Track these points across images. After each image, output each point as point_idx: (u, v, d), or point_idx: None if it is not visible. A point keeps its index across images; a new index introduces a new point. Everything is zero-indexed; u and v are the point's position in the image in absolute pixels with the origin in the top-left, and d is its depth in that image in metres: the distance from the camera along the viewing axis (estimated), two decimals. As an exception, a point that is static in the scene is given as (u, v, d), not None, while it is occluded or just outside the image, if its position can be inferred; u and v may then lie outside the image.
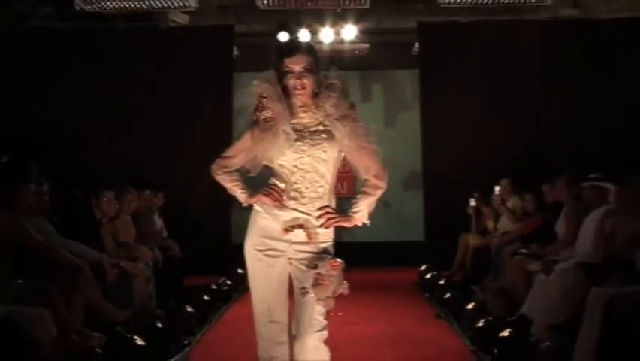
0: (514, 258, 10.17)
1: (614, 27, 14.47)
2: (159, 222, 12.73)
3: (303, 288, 4.95)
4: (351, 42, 16.01)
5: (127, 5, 13.76)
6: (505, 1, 13.63)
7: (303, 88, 4.92)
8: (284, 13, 14.53)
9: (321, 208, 4.95)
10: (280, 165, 5.03)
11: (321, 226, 4.98)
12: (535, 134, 13.93)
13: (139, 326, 8.43)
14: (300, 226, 4.96)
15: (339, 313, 10.66)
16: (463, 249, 12.95)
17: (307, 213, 4.96)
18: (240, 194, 5.15)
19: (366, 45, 16.35)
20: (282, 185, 5.02)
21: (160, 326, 8.73)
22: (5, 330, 6.16)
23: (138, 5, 13.82)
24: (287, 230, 4.94)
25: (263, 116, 4.97)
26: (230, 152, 5.22)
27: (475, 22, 14.79)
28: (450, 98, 14.50)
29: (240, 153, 5.16)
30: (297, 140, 4.93)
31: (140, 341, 7.72)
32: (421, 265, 12.93)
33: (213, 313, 10.74)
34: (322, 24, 15.29)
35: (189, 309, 9.86)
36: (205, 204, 14.60)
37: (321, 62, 5.11)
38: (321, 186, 5.00)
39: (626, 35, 14.23)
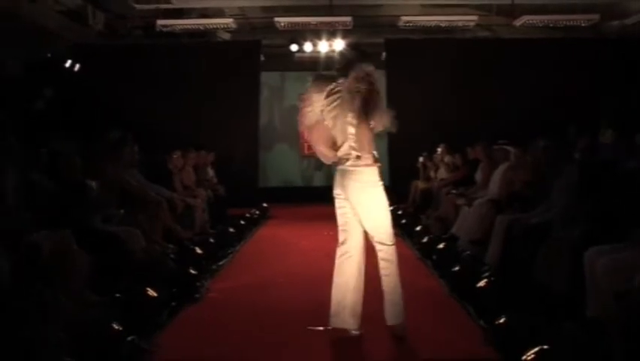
0: (447, 196, 10.27)
1: (514, 44, 14.60)
2: (211, 172, 12.83)
3: None
4: (340, 52, 16.01)
5: (189, 27, 13.84)
6: (443, 26, 13.65)
7: None
8: (294, 31, 14.56)
9: None
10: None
11: None
12: (462, 113, 13.92)
13: (198, 241, 8.59)
14: None
15: (331, 233, 10.85)
16: (414, 190, 13.00)
17: None
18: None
19: (350, 53, 16.34)
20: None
21: (212, 241, 8.81)
22: (112, 243, 6.30)
23: (196, 27, 13.89)
24: None
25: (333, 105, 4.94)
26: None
27: (424, 39, 14.77)
28: (407, 90, 14.49)
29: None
30: None
31: (199, 250, 7.86)
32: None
33: (247, 233, 10.79)
34: (320, 39, 15.29)
35: (231, 230, 9.96)
36: (241, 160, 14.77)
37: (319, 64, 5.20)
38: None
39: (521, 50, 14.38)
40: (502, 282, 5.95)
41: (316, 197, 15.43)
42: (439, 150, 12.45)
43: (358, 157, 4.98)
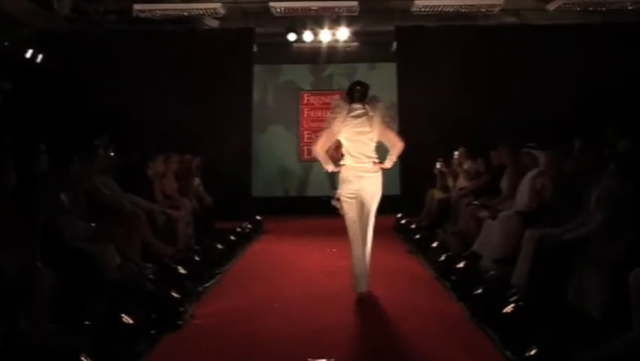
0: (468, 207, 10.22)
1: (546, 31, 14.52)
2: (197, 180, 12.79)
3: None
4: (344, 41, 16.06)
5: (171, 12, 13.84)
6: (462, 11, 13.61)
7: None
8: (292, 18, 14.59)
9: None
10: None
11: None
12: (484, 112, 13.95)
13: (181, 259, 8.53)
14: None
15: (334, 250, 10.85)
16: (430, 201, 12.94)
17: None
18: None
19: (356, 43, 16.38)
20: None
21: (197, 259, 8.75)
22: (82, 259, 6.29)
23: (180, 13, 13.88)
24: None
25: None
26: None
27: (440, 26, 14.77)
28: (420, 86, 14.53)
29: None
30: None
31: (182, 270, 7.81)
32: (397, 213, 12.94)
33: (238, 249, 10.75)
34: (321, 27, 15.33)
35: (219, 246, 9.89)
36: (232, 167, 14.75)
37: (320, 56, 5.44)
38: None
39: (554, 38, 14.34)
40: (532, 307, 5.93)
41: (315, 208, 15.49)
42: (457, 154, 12.42)
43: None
